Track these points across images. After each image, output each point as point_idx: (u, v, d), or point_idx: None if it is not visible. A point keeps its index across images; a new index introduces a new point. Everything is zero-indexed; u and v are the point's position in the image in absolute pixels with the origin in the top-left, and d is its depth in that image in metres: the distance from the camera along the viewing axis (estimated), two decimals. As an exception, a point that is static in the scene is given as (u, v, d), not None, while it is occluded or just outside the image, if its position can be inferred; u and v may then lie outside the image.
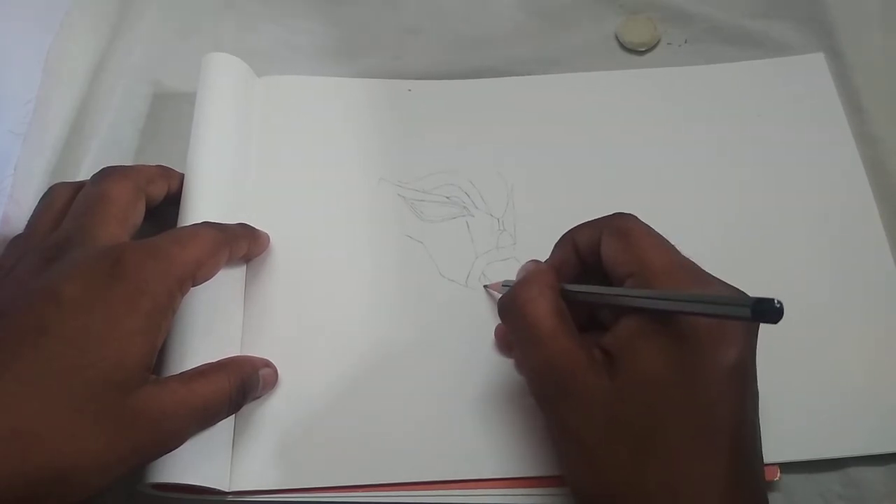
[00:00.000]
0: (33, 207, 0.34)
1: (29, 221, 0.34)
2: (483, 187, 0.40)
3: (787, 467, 0.32)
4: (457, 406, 0.33)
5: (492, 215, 0.39)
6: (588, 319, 0.31)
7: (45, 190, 0.35)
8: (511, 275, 0.37)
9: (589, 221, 0.31)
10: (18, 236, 0.33)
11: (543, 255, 0.37)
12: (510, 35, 0.46)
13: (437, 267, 0.37)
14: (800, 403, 0.33)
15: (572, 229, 0.31)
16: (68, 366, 0.25)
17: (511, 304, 0.30)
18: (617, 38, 0.46)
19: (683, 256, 0.28)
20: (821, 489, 0.32)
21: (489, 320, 0.35)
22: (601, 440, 0.26)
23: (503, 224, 0.39)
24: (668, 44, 0.45)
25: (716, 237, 0.37)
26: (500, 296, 0.34)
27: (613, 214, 0.30)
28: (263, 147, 0.40)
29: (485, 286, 0.37)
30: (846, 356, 0.35)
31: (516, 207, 0.39)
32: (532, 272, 0.31)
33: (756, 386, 0.27)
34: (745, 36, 0.45)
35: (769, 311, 0.22)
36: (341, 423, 0.33)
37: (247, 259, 0.36)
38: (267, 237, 0.37)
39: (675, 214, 0.35)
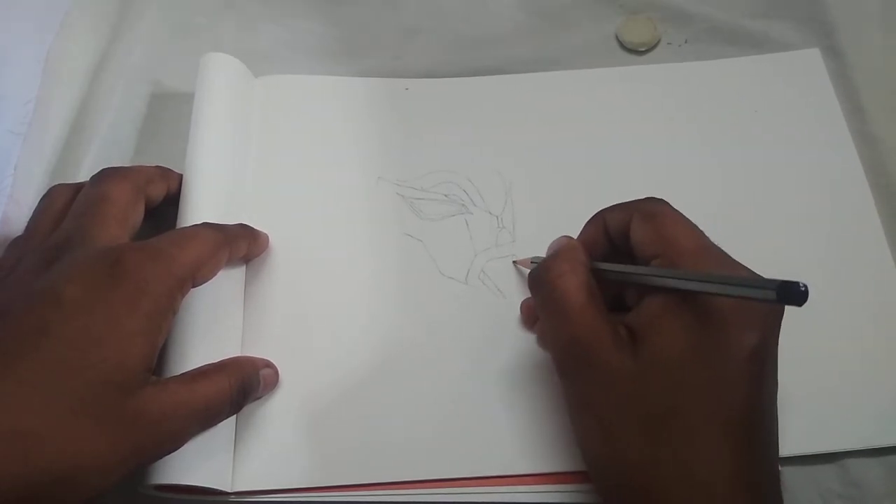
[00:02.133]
0: (33, 207, 0.34)
1: (29, 223, 0.34)
2: (481, 185, 0.40)
3: (785, 462, 0.32)
4: (458, 404, 0.33)
5: (490, 213, 0.39)
6: (613, 300, 0.31)
7: (46, 190, 0.35)
8: (510, 273, 0.37)
9: (620, 203, 0.31)
10: (18, 238, 0.33)
11: (542, 251, 0.37)
12: (510, 35, 0.46)
13: (437, 265, 0.37)
14: (799, 399, 0.33)
15: (603, 210, 0.32)
16: (69, 367, 0.25)
17: (542, 277, 0.30)
18: (617, 38, 0.46)
19: (711, 242, 0.29)
20: (820, 489, 0.33)
21: (490, 317, 0.36)
22: (620, 416, 0.27)
23: (502, 221, 0.39)
24: (668, 44, 0.45)
25: (712, 234, 0.37)
26: (528, 271, 0.34)
27: (645, 198, 0.31)
28: (262, 147, 0.40)
29: (514, 262, 0.37)
30: (845, 354, 0.35)
31: (515, 205, 0.39)
32: (564, 247, 0.31)
33: (776, 375, 0.28)
34: (745, 36, 0.45)
35: (794, 293, 0.22)
36: (342, 422, 0.33)
37: (246, 259, 0.36)
38: (266, 237, 0.37)
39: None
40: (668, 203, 0.30)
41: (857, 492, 0.32)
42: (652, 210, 0.30)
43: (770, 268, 0.38)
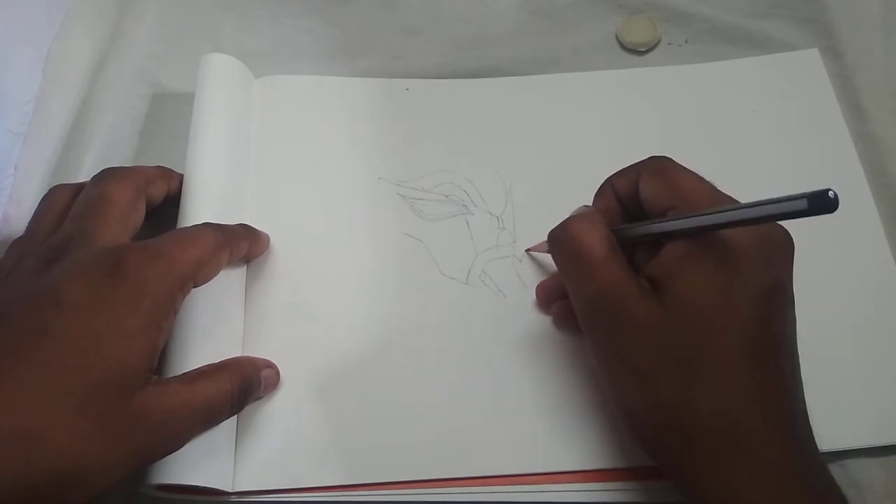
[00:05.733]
0: (34, 207, 0.34)
1: (29, 223, 0.34)
2: (481, 186, 0.40)
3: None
4: (458, 404, 0.33)
5: (491, 213, 0.39)
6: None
7: (46, 190, 0.35)
8: (511, 273, 0.37)
9: (625, 168, 0.32)
10: (19, 239, 0.33)
11: (543, 253, 0.37)
12: (510, 35, 0.46)
13: (438, 265, 0.37)
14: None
15: (609, 177, 0.32)
16: (70, 367, 0.25)
17: (564, 235, 0.30)
18: (617, 38, 0.46)
19: (719, 189, 0.29)
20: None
21: (491, 318, 0.36)
22: (652, 364, 0.27)
23: (502, 222, 0.39)
24: (669, 44, 0.45)
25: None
26: (542, 254, 0.36)
27: (649, 157, 0.31)
28: (262, 147, 0.40)
29: (527, 250, 0.37)
30: (845, 354, 0.35)
31: (515, 206, 0.39)
32: (581, 210, 0.32)
33: (794, 311, 0.28)
34: (745, 36, 0.45)
35: (825, 201, 0.22)
36: (343, 422, 0.33)
37: (247, 259, 0.36)
38: (267, 237, 0.37)
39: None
40: (671, 158, 0.31)
41: (857, 492, 0.32)
42: (658, 166, 0.30)
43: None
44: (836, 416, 0.33)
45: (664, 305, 0.27)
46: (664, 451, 0.28)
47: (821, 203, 0.22)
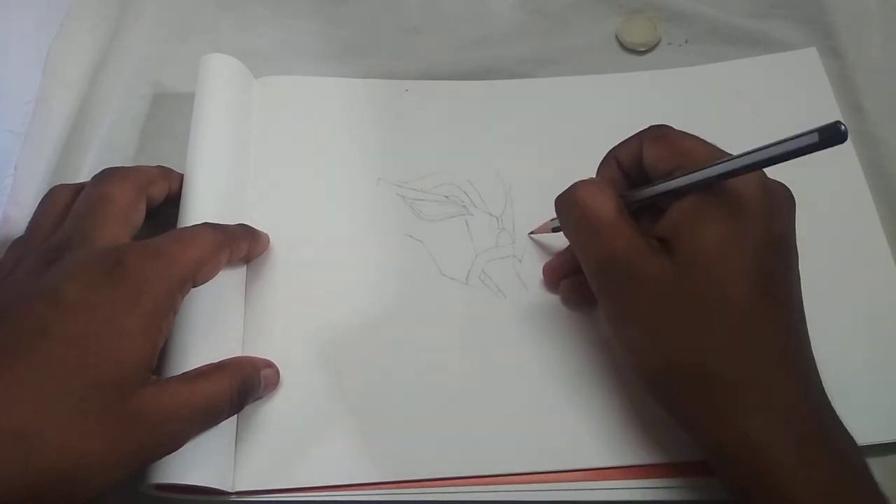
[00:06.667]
0: (34, 208, 0.34)
1: (29, 223, 0.34)
2: (481, 187, 0.40)
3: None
4: (458, 403, 0.33)
5: (490, 214, 0.39)
6: None
7: (46, 190, 0.35)
8: (511, 273, 0.37)
9: (627, 138, 0.32)
10: (19, 239, 0.33)
11: (542, 253, 0.37)
12: (510, 35, 0.46)
13: (438, 265, 0.37)
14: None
15: (612, 148, 0.33)
16: (69, 367, 0.25)
17: (571, 200, 0.30)
18: (617, 38, 0.46)
19: (722, 150, 0.29)
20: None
21: (491, 317, 0.36)
22: (665, 319, 0.28)
23: (502, 223, 0.39)
24: (669, 44, 0.45)
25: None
26: (544, 236, 0.37)
27: (649, 126, 0.31)
28: (262, 147, 0.40)
29: (529, 234, 0.38)
30: (845, 354, 0.35)
31: (515, 206, 0.39)
32: (587, 179, 0.32)
33: (798, 267, 0.29)
34: (745, 36, 0.45)
35: (836, 133, 0.23)
36: (343, 422, 0.33)
37: (247, 260, 0.36)
38: (267, 237, 0.37)
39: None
40: (671, 126, 0.31)
41: (858, 491, 0.32)
42: (659, 132, 0.31)
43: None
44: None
45: (674, 261, 0.27)
46: (680, 403, 0.28)
47: (832, 135, 0.23)
